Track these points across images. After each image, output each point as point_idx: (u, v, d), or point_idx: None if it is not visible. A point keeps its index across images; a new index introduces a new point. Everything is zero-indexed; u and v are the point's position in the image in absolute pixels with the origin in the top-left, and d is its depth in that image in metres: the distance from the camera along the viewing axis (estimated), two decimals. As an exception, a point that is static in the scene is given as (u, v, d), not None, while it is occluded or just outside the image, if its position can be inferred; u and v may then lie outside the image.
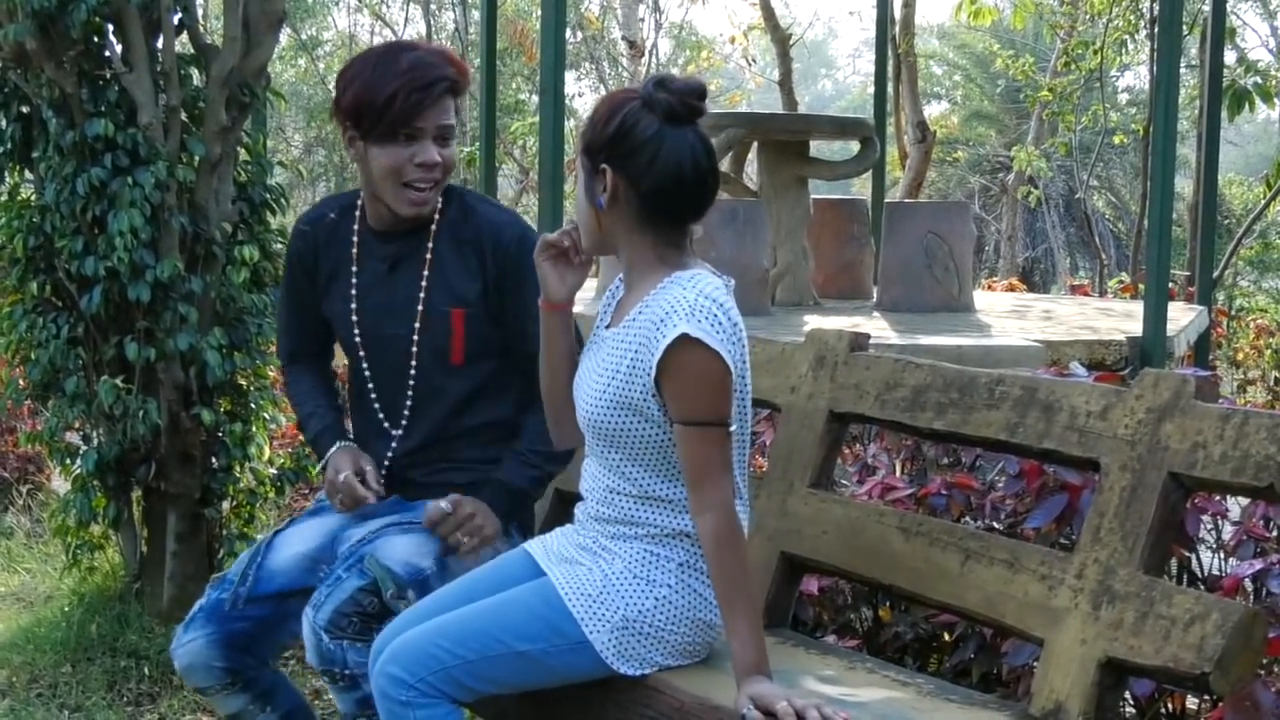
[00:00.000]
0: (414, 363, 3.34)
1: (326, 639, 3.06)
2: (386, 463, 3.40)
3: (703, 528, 2.69)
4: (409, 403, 3.38)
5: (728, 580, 2.67)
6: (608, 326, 2.92)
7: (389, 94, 3.17)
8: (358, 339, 3.41)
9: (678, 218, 2.81)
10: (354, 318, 3.40)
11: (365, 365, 3.41)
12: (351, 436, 3.49)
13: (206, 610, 3.29)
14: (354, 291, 3.40)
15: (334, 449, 3.41)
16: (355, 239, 3.42)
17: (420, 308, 3.33)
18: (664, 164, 2.74)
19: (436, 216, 3.36)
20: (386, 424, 3.41)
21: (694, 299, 2.69)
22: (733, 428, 2.73)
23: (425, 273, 3.33)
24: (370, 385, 3.42)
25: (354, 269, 3.40)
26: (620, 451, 2.82)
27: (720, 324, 2.69)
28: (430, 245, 3.34)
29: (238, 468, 4.91)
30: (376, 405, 3.42)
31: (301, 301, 3.53)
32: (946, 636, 3.84)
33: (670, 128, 2.75)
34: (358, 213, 3.43)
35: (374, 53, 3.28)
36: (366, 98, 3.20)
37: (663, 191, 2.75)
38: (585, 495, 2.96)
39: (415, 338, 3.33)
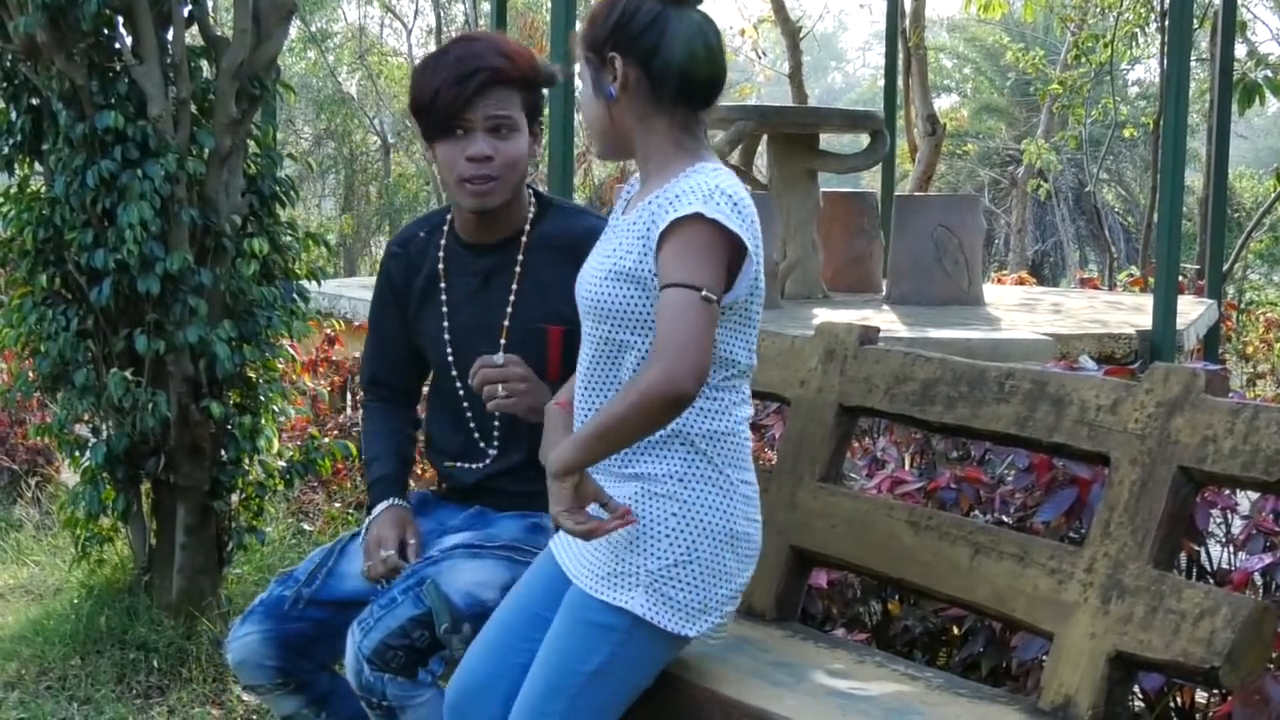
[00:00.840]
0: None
1: (368, 670, 2.97)
2: (479, 478, 3.34)
3: (639, 375, 2.52)
4: (496, 422, 3.29)
5: (615, 424, 2.52)
6: (622, 215, 2.85)
7: (433, 89, 3.14)
8: (449, 358, 3.33)
9: (690, 99, 2.74)
10: (445, 335, 3.33)
11: (459, 385, 3.32)
12: (406, 494, 3.39)
13: (266, 605, 3.21)
14: (445, 309, 3.33)
15: (383, 506, 3.30)
16: (442, 254, 3.35)
17: (507, 323, 3.25)
18: (673, 41, 2.68)
19: (528, 227, 3.29)
20: (482, 444, 3.33)
21: (714, 185, 2.61)
22: (713, 299, 2.53)
23: (515, 286, 3.27)
24: (465, 404, 3.32)
25: (443, 285, 3.34)
26: (616, 327, 2.72)
27: (739, 210, 2.60)
28: (521, 257, 3.28)
29: (247, 460, 4.90)
30: (472, 425, 3.33)
31: (388, 328, 3.47)
32: (955, 630, 3.84)
33: (673, 9, 2.71)
34: (446, 228, 3.38)
35: (435, 51, 3.27)
36: (417, 96, 3.18)
37: (675, 69, 2.70)
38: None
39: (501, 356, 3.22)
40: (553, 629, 2.76)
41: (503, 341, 3.24)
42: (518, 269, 3.27)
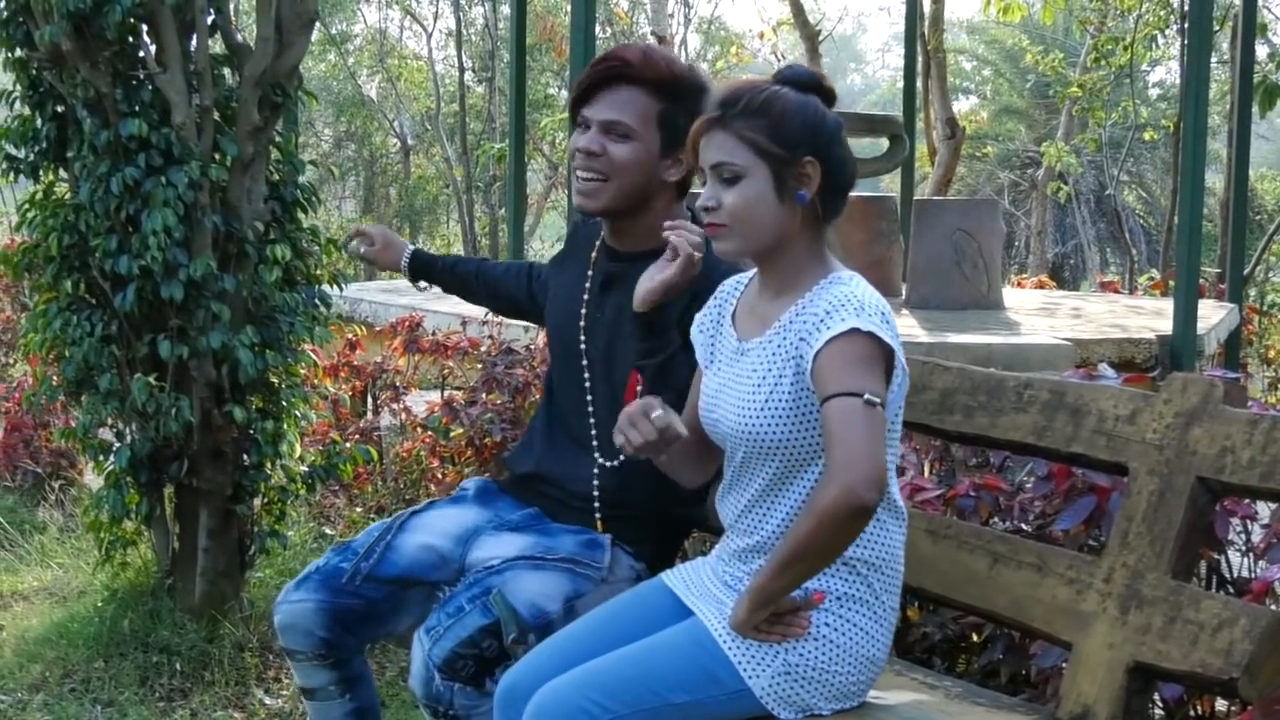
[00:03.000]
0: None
1: (439, 678, 2.96)
2: (595, 491, 3.27)
3: (816, 495, 2.44)
4: (593, 430, 3.28)
5: (801, 549, 2.46)
6: (739, 338, 2.76)
7: (579, 80, 3.23)
8: (582, 344, 3.32)
9: (839, 213, 2.71)
10: (581, 323, 3.33)
11: (587, 375, 3.31)
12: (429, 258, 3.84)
13: (324, 574, 3.20)
14: (584, 309, 3.34)
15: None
16: (595, 249, 3.39)
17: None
18: (850, 155, 2.65)
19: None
20: (596, 447, 3.28)
21: (863, 296, 2.56)
22: (877, 402, 2.44)
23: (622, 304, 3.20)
24: (589, 400, 3.30)
25: (586, 284, 3.36)
26: (783, 463, 2.66)
27: (889, 323, 2.55)
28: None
29: (269, 465, 4.93)
30: (592, 423, 3.29)
31: (533, 273, 3.69)
32: (975, 637, 3.84)
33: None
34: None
35: None
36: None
37: (848, 185, 2.67)
38: (729, 527, 2.81)
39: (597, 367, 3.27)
40: (662, 640, 2.72)
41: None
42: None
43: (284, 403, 4.93)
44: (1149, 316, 9.25)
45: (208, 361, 4.59)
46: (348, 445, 5.30)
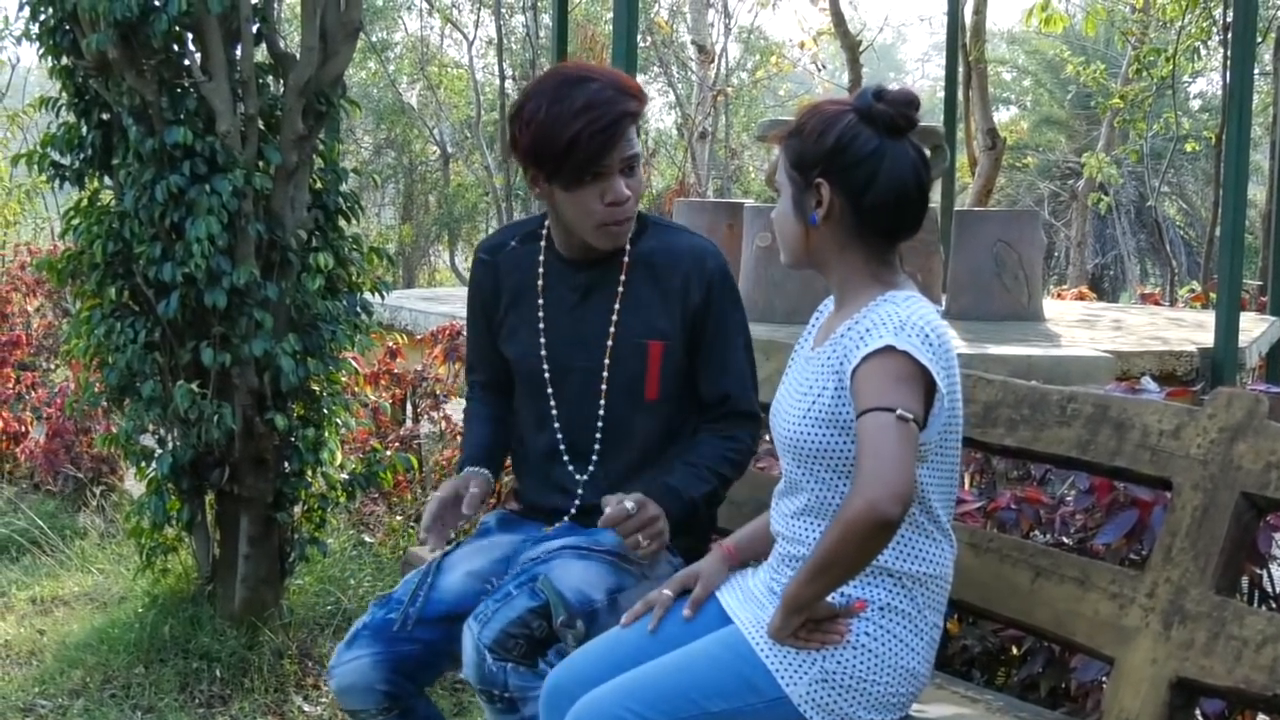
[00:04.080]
0: (603, 400, 3.25)
1: (490, 659, 2.93)
2: (576, 500, 3.30)
3: (843, 507, 2.43)
4: (597, 443, 3.28)
5: (828, 559, 2.45)
6: (812, 347, 2.80)
7: (570, 138, 3.02)
8: (545, 373, 3.29)
9: (894, 234, 2.70)
10: (542, 351, 3.29)
11: (552, 400, 3.30)
12: (492, 466, 3.40)
13: (373, 629, 3.15)
14: (541, 325, 3.30)
15: (458, 475, 3.33)
16: (541, 268, 3.32)
17: (610, 341, 3.24)
18: (887, 179, 2.62)
19: (628, 244, 3.24)
20: (570, 465, 3.31)
21: (905, 315, 2.57)
22: (909, 418, 2.44)
23: (617, 304, 3.23)
24: (556, 424, 3.31)
25: (540, 300, 3.32)
26: (826, 471, 2.67)
27: (930, 343, 2.55)
28: (624, 275, 3.24)
29: (310, 472, 4.94)
30: (561, 444, 3.32)
31: (479, 328, 3.46)
32: (1015, 650, 3.83)
33: (891, 141, 2.63)
34: (543, 241, 3.34)
35: (546, 88, 3.09)
36: (545, 143, 3.05)
37: (884, 207, 2.64)
38: (777, 535, 2.82)
39: (605, 372, 3.24)
40: (699, 649, 2.73)
41: (606, 359, 3.24)
42: (620, 286, 3.24)
43: (325, 410, 4.95)
44: (1190, 329, 9.21)
45: (250, 369, 4.62)
46: (388, 453, 5.32)
